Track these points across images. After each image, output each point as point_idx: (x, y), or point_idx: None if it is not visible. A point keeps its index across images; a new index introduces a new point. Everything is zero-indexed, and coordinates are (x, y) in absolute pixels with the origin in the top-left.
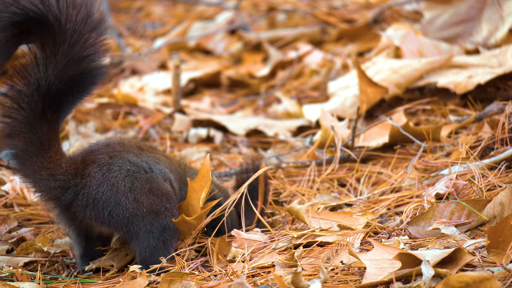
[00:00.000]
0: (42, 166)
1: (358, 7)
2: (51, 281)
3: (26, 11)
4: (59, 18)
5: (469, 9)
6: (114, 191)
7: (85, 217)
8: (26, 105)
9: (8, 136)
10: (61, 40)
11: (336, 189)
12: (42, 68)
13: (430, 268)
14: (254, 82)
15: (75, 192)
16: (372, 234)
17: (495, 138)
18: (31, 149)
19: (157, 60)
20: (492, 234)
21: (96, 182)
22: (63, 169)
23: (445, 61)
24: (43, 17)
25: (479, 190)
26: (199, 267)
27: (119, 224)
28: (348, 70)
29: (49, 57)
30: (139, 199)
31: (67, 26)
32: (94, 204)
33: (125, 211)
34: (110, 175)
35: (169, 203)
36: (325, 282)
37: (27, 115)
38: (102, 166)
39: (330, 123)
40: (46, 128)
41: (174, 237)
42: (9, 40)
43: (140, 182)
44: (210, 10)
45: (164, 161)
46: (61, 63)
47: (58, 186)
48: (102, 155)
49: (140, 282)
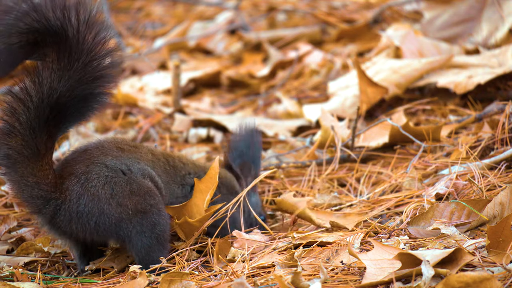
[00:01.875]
0: (31, 173)
1: (358, 7)
2: (51, 281)
3: (48, 21)
4: (77, 36)
5: (469, 9)
6: (96, 201)
7: (71, 231)
8: (33, 109)
9: (7, 135)
10: (77, 57)
11: (336, 189)
12: (56, 77)
13: (430, 268)
14: (254, 82)
15: (55, 206)
16: (372, 234)
17: (495, 138)
18: (26, 153)
19: (157, 60)
20: (492, 234)
21: (76, 195)
22: (48, 180)
23: (445, 61)
24: (63, 30)
25: (479, 190)
26: (199, 267)
27: (108, 231)
28: (348, 70)
29: (63, 70)
30: (122, 203)
31: (84, 46)
32: (78, 218)
33: (111, 218)
34: (88, 185)
35: (153, 200)
36: (325, 282)
37: (32, 118)
38: (79, 177)
39: (330, 123)
40: (46, 137)
41: (166, 231)
42: (23, 46)
43: (120, 186)
44: (210, 10)
45: (146, 159)
46: (73, 79)
47: (41, 196)
48: (78, 164)
49: (140, 282)
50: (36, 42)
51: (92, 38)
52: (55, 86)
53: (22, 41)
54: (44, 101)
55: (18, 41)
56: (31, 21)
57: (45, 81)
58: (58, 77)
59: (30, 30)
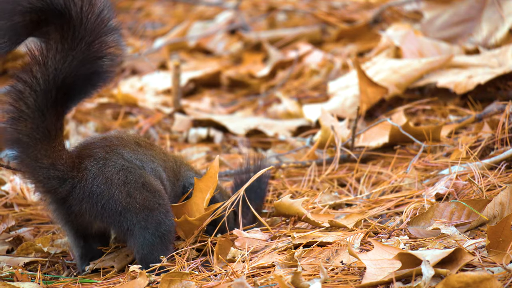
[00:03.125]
0: (45, 155)
1: (358, 7)
2: (51, 281)
3: (51, 0)
4: (81, 16)
5: (469, 9)
6: (108, 184)
7: (80, 211)
8: (40, 91)
9: (16, 120)
10: (80, 37)
11: (336, 189)
12: (60, 58)
13: (430, 268)
14: (254, 82)
15: (72, 185)
16: (372, 234)
17: (495, 138)
18: (38, 136)
19: (157, 60)
20: (492, 234)
21: (92, 175)
22: (63, 160)
23: (445, 61)
24: (67, 10)
25: (479, 190)
26: (199, 267)
27: (112, 218)
28: (348, 70)
29: (68, 50)
30: (133, 194)
31: (87, 25)
32: (89, 197)
33: (118, 204)
34: (105, 169)
35: (162, 200)
36: (325, 282)
37: (39, 101)
38: (98, 160)
39: (330, 123)
40: (54, 118)
41: (171, 232)
42: (26, 25)
43: (134, 176)
44: (210, 10)
45: (160, 160)
46: (77, 59)
47: (57, 176)
48: (98, 149)
49: (140, 282)
50: (39, 21)
51: (95, 17)
52: (60, 67)
53: (26, 20)
54: (50, 82)
55: (22, 20)
56: (34, 0)
57: (50, 62)
58: (62, 58)
59: (33, 9)
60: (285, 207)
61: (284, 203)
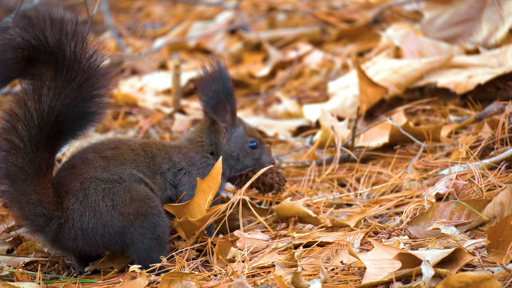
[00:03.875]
0: (34, 190)
1: (358, 7)
2: (51, 281)
3: (46, 38)
4: (75, 55)
5: (469, 9)
6: (98, 215)
7: (76, 247)
8: (34, 126)
9: (8, 152)
10: (73, 76)
11: (336, 189)
12: (54, 95)
13: (430, 268)
14: (254, 82)
15: (59, 224)
16: (372, 234)
17: (495, 138)
18: (28, 170)
19: (157, 60)
20: (492, 234)
21: (78, 214)
22: (50, 198)
23: (445, 61)
24: (60, 50)
25: (479, 190)
26: (199, 267)
27: (113, 242)
28: (348, 70)
29: (60, 88)
30: (124, 212)
31: (81, 65)
32: (83, 235)
33: (115, 227)
34: (88, 201)
35: (153, 202)
36: (325, 282)
37: (33, 135)
38: (77, 195)
39: (330, 123)
40: (47, 154)
41: (166, 233)
42: (20, 61)
43: (119, 195)
44: (210, 10)
45: (129, 160)
46: (69, 97)
47: (43, 214)
48: (72, 182)
49: (140, 282)
50: (31, 59)
51: (87, 58)
52: (53, 104)
53: (18, 56)
54: (44, 118)
55: (14, 56)
56: (29, 37)
57: (44, 98)
58: (56, 95)
59: (27, 46)
60: (286, 209)
61: (284, 205)
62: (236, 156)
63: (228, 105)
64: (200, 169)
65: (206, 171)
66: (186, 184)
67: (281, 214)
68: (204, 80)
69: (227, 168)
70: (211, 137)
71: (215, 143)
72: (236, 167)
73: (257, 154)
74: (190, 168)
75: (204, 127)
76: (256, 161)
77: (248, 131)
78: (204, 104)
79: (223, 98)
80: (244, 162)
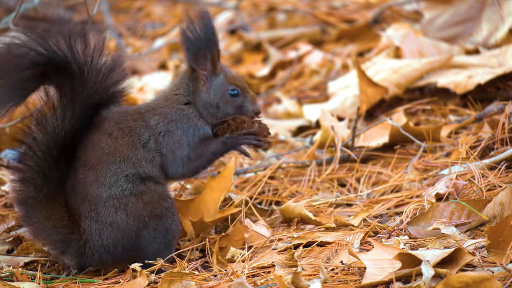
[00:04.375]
0: (47, 216)
1: (358, 7)
2: (51, 281)
3: (52, 54)
4: (82, 68)
5: (469, 9)
6: (116, 229)
7: (105, 263)
8: (42, 153)
9: (19, 182)
10: (80, 89)
11: (336, 189)
12: (60, 117)
13: (430, 268)
14: (254, 82)
15: (78, 247)
16: (372, 234)
17: (495, 138)
18: (40, 197)
19: (157, 60)
20: (492, 234)
21: (96, 234)
22: (64, 222)
23: (445, 61)
24: (67, 64)
25: (479, 190)
26: (198, 267)
27: (133, 246)
28: (348, 70)
29: (67, 106)
30: (139, 215)
31: (88, 77)
32: (106, 251)
33: (132, 234)
34: (103, 219)
35: (166, 202)
36: (325, 282)
37: (41, 163)
38: (90, 216)
39: (330, 123)
40: (57, 177)
41: (175, 237)
42: (28, 80)
43: (131, 204)
44: (210, 10)
45: (116, 154)
46: (77, 113)
47: (61, 239)
48: (82, 206)
49: (140, 282)
50: (42, 74)
51: (99, 68)
52: (59, 126)
53: (28, 75)
54: (51, 143)
55: (24, 76)
56: (35, 54)
57: (50, 123)
58: (62, 116)
59: (34, 64)
60: (289, 211)
61: (288, 207)
62: (216, 104)
63: (209, 53)
64: (178, 122)
65: (185, 122)
66: (167, 145)
67: (286, 216)
68: (187, 29)
69: (208, 115)
70: (189, 86)
71: (193, 92)
72: (217, 115)
73: (239, 102)
74: (168, 126)
75: (184, 77)
76: (238, 109)
77: (230, 79)
78: (185, 52)
79: (203, 46)
80: (225, 110)
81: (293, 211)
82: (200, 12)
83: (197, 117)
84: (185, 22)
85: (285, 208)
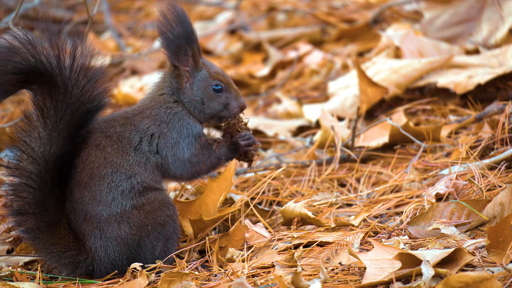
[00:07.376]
0: (53, 242)
1: (358, 7)
2: (51, 281)
3: (38, 64)
4: (67, 83)
5: (469, 9)
6: (120, 243)
7: (108, 274)
8: (35, 184)
9: (19, 214)
10: (63, 105)
11: (336, 189)
12: (46, 142)
13: (430, 268)
14: (254, 82)
15: (87, 266)
16: (372, 234)
17: (495, 138)
18: (42, 227)
19: (157, 60)
20: (492, 234)
21: (102, 251)
22: (70, 245)
23: (445, 61)
24: (52, 78)
25: (479, 190)
26: (198, 267)
27: (135, 256)
28: (348, 70)
29: (53, 128)
30: (142, 225)
31: (72, 93)
32: (112, 265)
33: (134, 244)
34: (108, 235)
35: (168, 210)
36: (325, 282)
37: (36, 194)
38: (92, 233)
39: (330, 123)
40: (55, 203)
41: (174, 245)
42: (9, 84)
43: (134, 216)
44: (210, 10)
45: (107, 165)
46: (64, 131)
47: (69, 262)
48: (84, 223)
49: (140, 282)
50: (25, 81)
51: (83, 84)
52: (47, 152)
53: (13, 80)
54: (42, 172)
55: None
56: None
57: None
58: (48, 140)
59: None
60: (289, 211)
61: (288, 208)
62: (201, 100)
63: (189, 48)
64: (170, 123)
65: (176, 121)
66: (165, 146)
67: (286, 216)
68: (163, 26)
69: (195, 112)
70: (172, 84)
71: (177, 89)
72: (205, 111)
73: (223, 97)
74: (160, 128)
75: (167, 76)
76: (223, 105)
77: (213, 74)
78: (165, 50)
79: (183, 41)
80: (211, 105)
81: (293, 211)
82: (173, 8)
83: (187, 115)
84: (161, 20)
85: (285, 209)
